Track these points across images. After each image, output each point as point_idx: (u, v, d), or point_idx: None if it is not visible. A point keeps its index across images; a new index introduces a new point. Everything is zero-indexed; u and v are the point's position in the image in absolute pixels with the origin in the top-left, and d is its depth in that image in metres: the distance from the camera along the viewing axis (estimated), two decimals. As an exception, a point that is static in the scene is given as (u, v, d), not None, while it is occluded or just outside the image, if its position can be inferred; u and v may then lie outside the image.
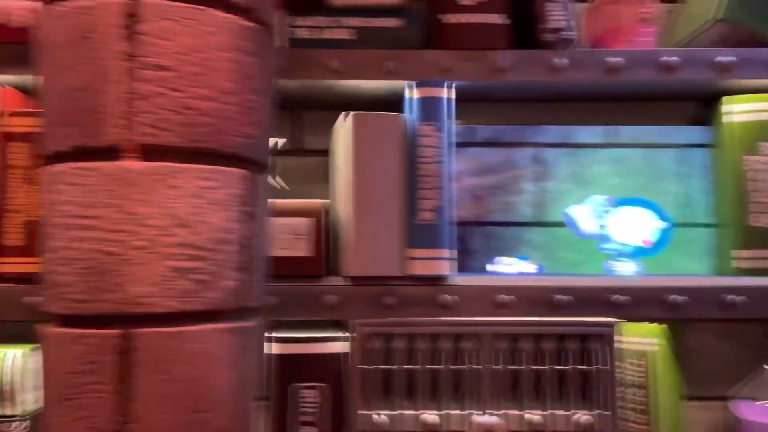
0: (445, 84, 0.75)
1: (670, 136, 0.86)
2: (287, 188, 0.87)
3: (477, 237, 0.85)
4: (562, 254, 0.85)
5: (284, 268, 0.73)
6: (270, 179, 0.84)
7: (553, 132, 0.86)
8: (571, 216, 0.85)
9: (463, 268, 0.85)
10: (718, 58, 0.76)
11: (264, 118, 0.50)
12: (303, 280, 0.73)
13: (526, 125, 0.86)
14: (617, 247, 0.83)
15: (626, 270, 0.83)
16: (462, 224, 0.85)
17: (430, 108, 0.74)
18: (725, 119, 0.79)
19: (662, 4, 0.94)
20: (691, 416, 0.92)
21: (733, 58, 0.75)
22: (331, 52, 0.75)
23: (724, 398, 0.93)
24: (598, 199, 0.84)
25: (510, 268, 0.84)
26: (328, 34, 0.76)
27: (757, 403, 0.83)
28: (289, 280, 0.72)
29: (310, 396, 0.72)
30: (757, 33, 0.77)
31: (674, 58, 0.76)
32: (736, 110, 0.79)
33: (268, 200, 0.54)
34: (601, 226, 0.84)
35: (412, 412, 0.72)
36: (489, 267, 0.85)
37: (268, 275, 0.72)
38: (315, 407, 0.72)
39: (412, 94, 0.75)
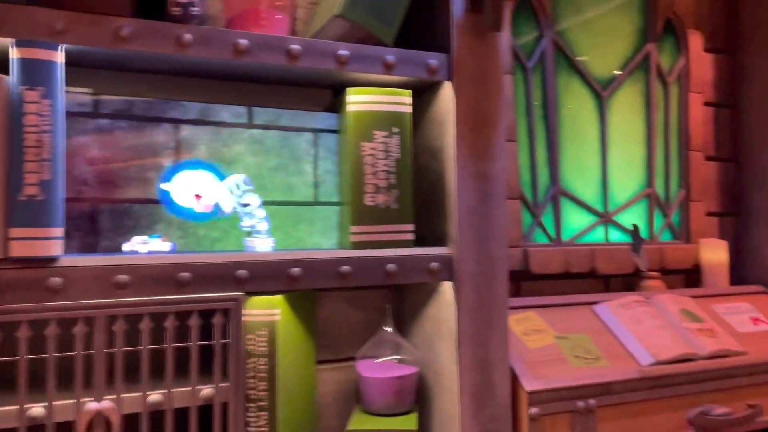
0: (59, 47, 0.68)
1: (305, 121, 0.92)
2: None
3: (109, 215, 0.81)
4: (202, 232, 0.86)
5: None
6: None
7: (193, 109, 0.86)
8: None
9: (94, 249, 0.80)
10: (340, 51, 0.84)
11: None
12: None
13: (164, 100, 0.84)
14: (251, 224, 0.86)
15: (263, 246, 0.86)
16: (92, 201, 0.79)
17: (35, 71, 0.66)
18: (348, 108, 0.88)
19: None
20: (324, 378, 1.01)
21: (347, 52, 0.83)
22: None
23: (352, 359, 1.04)
24: (236, 178, 0.86)
25: (143, 246, 0.81)
26: None
27: (375, 360, 0.95)
28: None
29: None
30: (370, 32, 0.86)
31: (298, 47, 0.81)
32: (356, 100, 0.88)
33: None
34: (241, 205, 0.86)
35: (13, 407, 0.65)
36: (124, 246, 0.81)
37: None
38: None
39: (14, 54, 0.66)
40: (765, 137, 1.37)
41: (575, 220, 1.27)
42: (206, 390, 0.74)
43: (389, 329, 0.96)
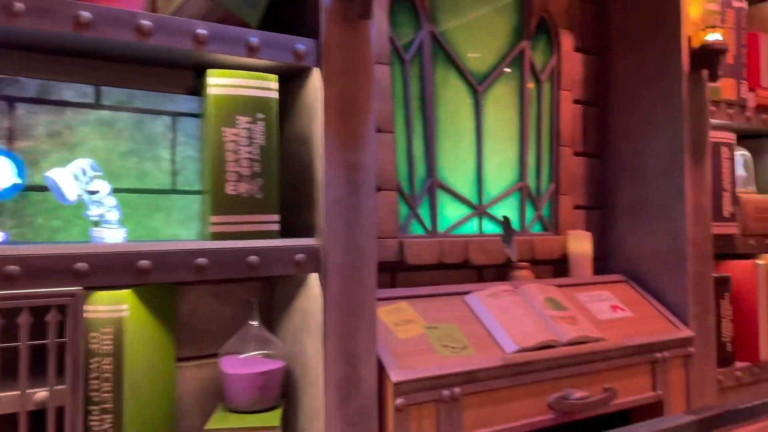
0: None
1: (163, 103, 0.86)
2: None
3: (-73, 201, 0.71)
4: (40, 221, 0.78)
5: None
6: None
7: (31, 86, 0.78)
8: (53, 180, 0.78)
9: None
10: (198, 30, 0.79)
11: None
12: None
13: (-5, 74, 0.75)
14: (99, 212, 0.79)
15: (113, 237, 0.80)
16: None
17: None
18: (209, 91, 0.83)
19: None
20: (186, 376, 0.96)
21: (206, 32, 0.79)
22: None
23: (216, 355, 1.00)
24: (81, 162, 0.79)
25: (-31, 237, 0.73)
26: None
27: (239, 356, 0.92)
28: None
29: None
30: (233, 12, 0.82)
31: (149, 23, 0.75)
32: (218, 83, 0.83)
33: None
34: (87, 192, 0.80)
35: None
36: (-54, 237, 0.72)
37: None
38: None
39: None
40: (628, 135, 1.45)
41: (451, 212, 1.29)
42: (40, 393, 0.67)
43: (255, 323, 0.93)
